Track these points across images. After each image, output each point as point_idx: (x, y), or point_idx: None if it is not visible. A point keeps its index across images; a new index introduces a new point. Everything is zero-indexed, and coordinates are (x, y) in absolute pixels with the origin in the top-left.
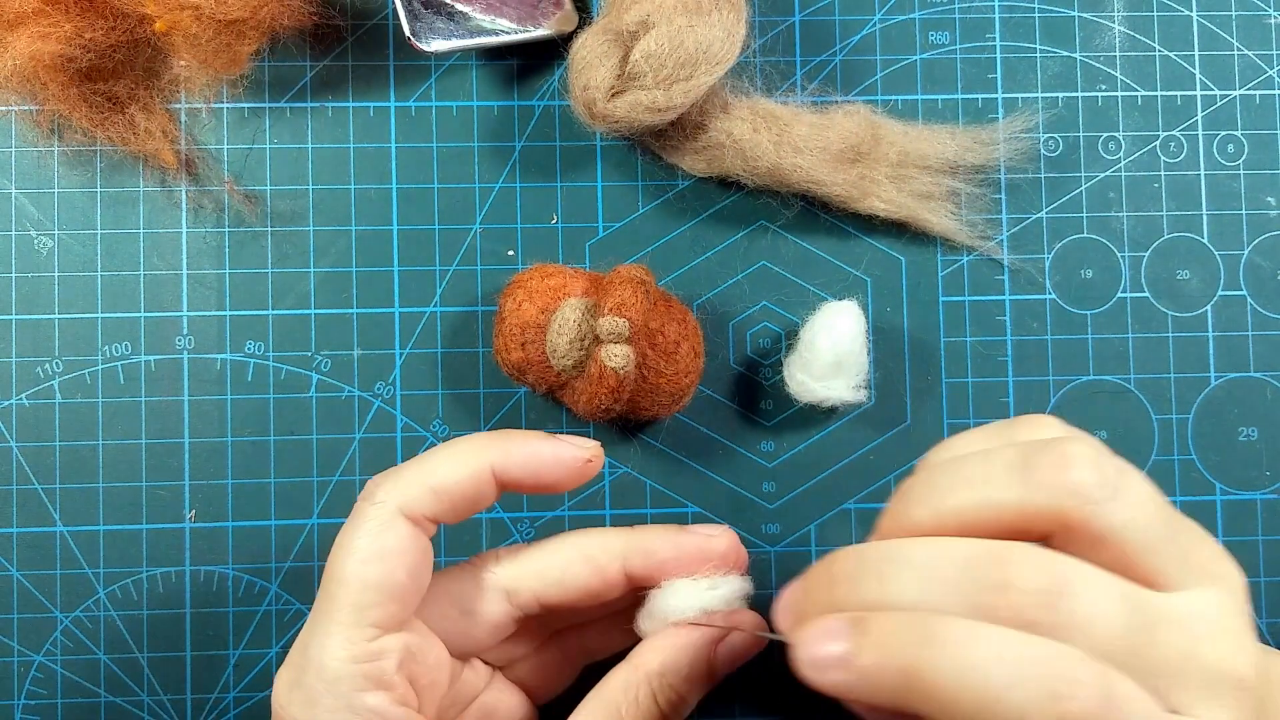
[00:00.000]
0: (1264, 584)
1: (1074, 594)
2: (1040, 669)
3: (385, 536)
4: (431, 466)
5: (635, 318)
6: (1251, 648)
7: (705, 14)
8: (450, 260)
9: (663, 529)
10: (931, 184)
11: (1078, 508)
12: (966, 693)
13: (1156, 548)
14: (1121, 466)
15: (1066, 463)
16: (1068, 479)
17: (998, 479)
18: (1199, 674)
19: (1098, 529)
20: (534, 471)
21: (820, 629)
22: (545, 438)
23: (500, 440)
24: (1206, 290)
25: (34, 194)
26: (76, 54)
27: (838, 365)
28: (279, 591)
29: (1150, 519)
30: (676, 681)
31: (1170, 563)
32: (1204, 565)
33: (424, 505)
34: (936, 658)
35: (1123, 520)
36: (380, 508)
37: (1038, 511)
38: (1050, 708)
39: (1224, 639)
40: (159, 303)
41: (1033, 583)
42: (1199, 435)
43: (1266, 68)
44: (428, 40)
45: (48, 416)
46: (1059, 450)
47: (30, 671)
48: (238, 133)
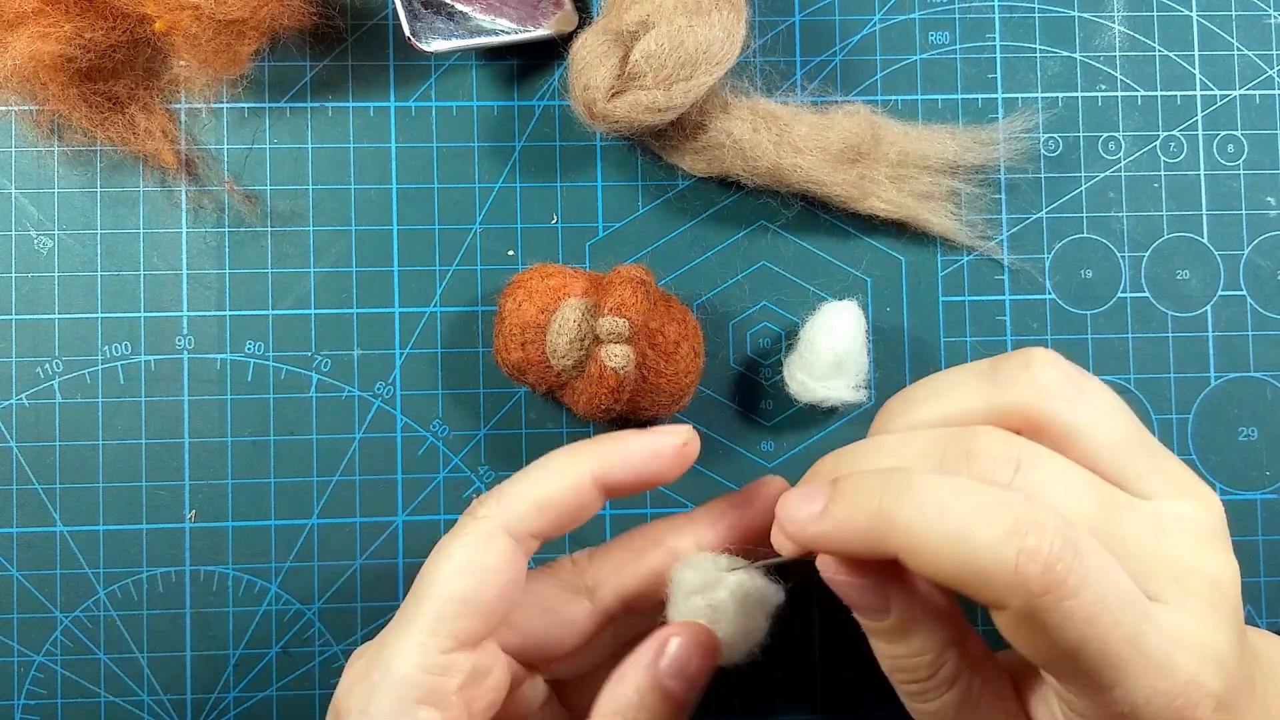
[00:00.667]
0: (1264, 584)
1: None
2: (1002, 509)
3: (484, 551)
4: (535, 482)
5: (635, 318)
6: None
7: (705, 14)
8: (450, 260)
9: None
10: (931, 184)
11: (1042, 402)
12: (932, 531)
13: (1124, 451)
14: (1087, 374)
15: (1030, 362)
16: (1030, 376)
17: (967, 386)
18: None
19: (1063, 425)
20: (635, 470)
21: (799, 493)
22: (637, 434)
23: (599, 446)
24: (1206, 290)
25: (34, 194)
26: (76, 54)
27: (838, 365)
28: (279, 591)
29: (1117, 424)
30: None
31: (1141, 470)
32: (1179, 480)
33: (528, 521)
34: (904, 500)
35: (1088, 418)
36: (484, 522)
37: (1005, 411)
38: (1011, 543)
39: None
40: (159, 303)
41: (998, 450)
42: (1199, 435)
43: (1266, 68)
44: (428, 40)
45: (48, 416)
46: (1023, 354)
47: (30, 671)
48: (238, 133)
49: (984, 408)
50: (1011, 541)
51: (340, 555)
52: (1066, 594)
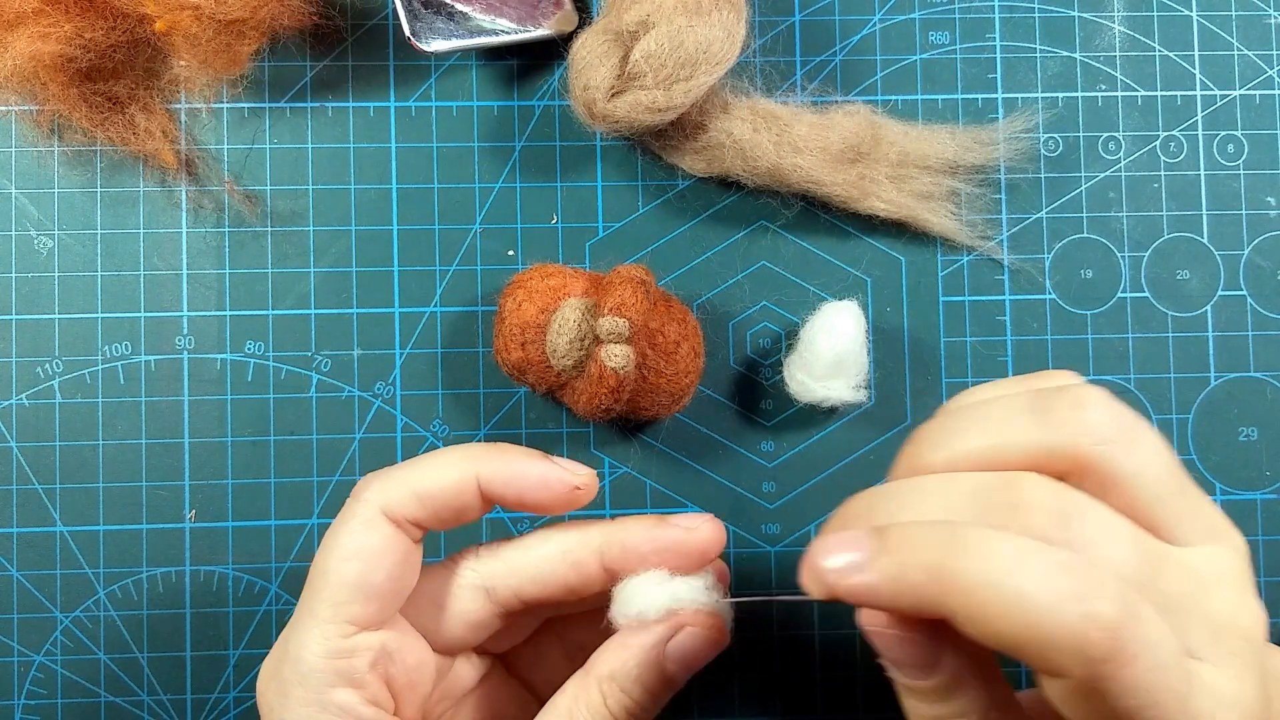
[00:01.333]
0: (1264, 584)
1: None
2: (1066, 573)
3: (367, 536)
4: (419, 471)
5: (635, 318)
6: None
7: (705, 14)
8: (450, 260)
9: (641, 521)
10: (931, 184)
11: (1092, 448)
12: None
13: (1166, 500)
14: (1136, 416)
15: (1083, 403)
16: (1083, 418)
17: (1013, 421)
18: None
19: (1111, 471)
20: (519, 491)
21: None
22: (538, 458)
23: (491, 453)
24: (1206, 290)
25: (34, 194)
26: (76, 54)
27: (838, 365)
28: (279, 591)
29: (1161, 470)
30: (627, 685)
31: (1179, 517)
32: (1211, 525)
33: (406, 508)
34: (963, 557)
35: (1136, 466)
36: (364, 506)
37: (1052, 452)
38: (1075, 608)
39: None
40: (159, 303)
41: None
42: (1199, 435)
43: (1266, 68)
44: (428, 40)
45: (48, 416)
46: (1075, 393)
47: (30, 671)
48: (238, 133)
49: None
50: (1076, 605)
51: None
52: (1126, 661)
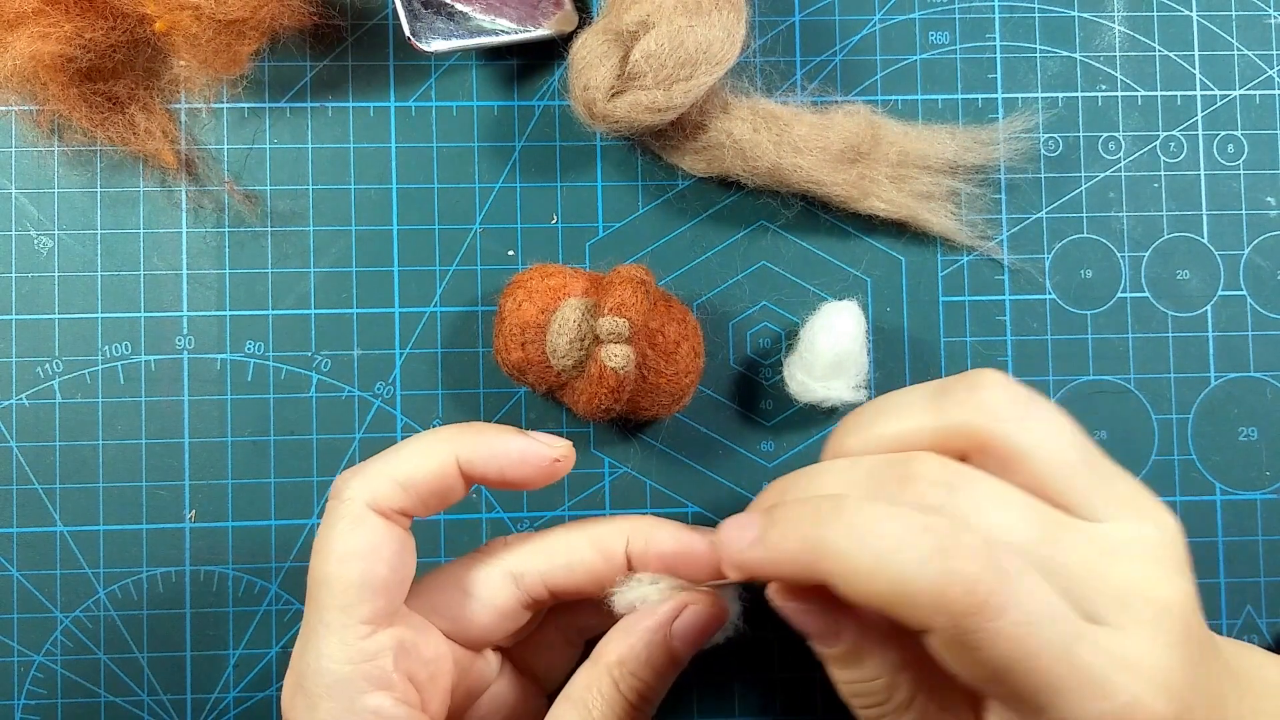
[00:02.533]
0: (1264, 584)
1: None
2: (926, 533)
3: (358, 534)
4: (397, 460)
5: (635, 318)
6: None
7: (705, 14)
8: (450, 260)
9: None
10: (931, 184)
11: (987, 425)
12: (859, 556)
13: (1071, 474)
14: (1035, 396)
15: (978, 384)
16: (977, 398)
17: (916, 406)
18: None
19: (1008, 447)
20: (499, 468)
21: (736, 522)
22: (515, 434)
23: (467, 433)
24: (1206, 290)
25: (34, 194)
26: (76, 54)
27: (838, 365)
28: (279, 591)
29: (1063, 446)
30: (637, 668)
31: (1088, 492)
32: (1129, 501)
33: (391, 499)
34: (832, 526)
35: (1033, 441)
36: (349, 504)
37: (951, 432)
38: (934, 565)
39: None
40: (159, 303)
41: (932, 475)
42: (1199, 435)
43: (1266, 68)
44: (428, 40)
45: (48, 416)
46: (973, 376)
47: (30, 671)
48: (238, 133)
49: (930, 428)
50: (934, 564)
51: None
52: (991, 615)
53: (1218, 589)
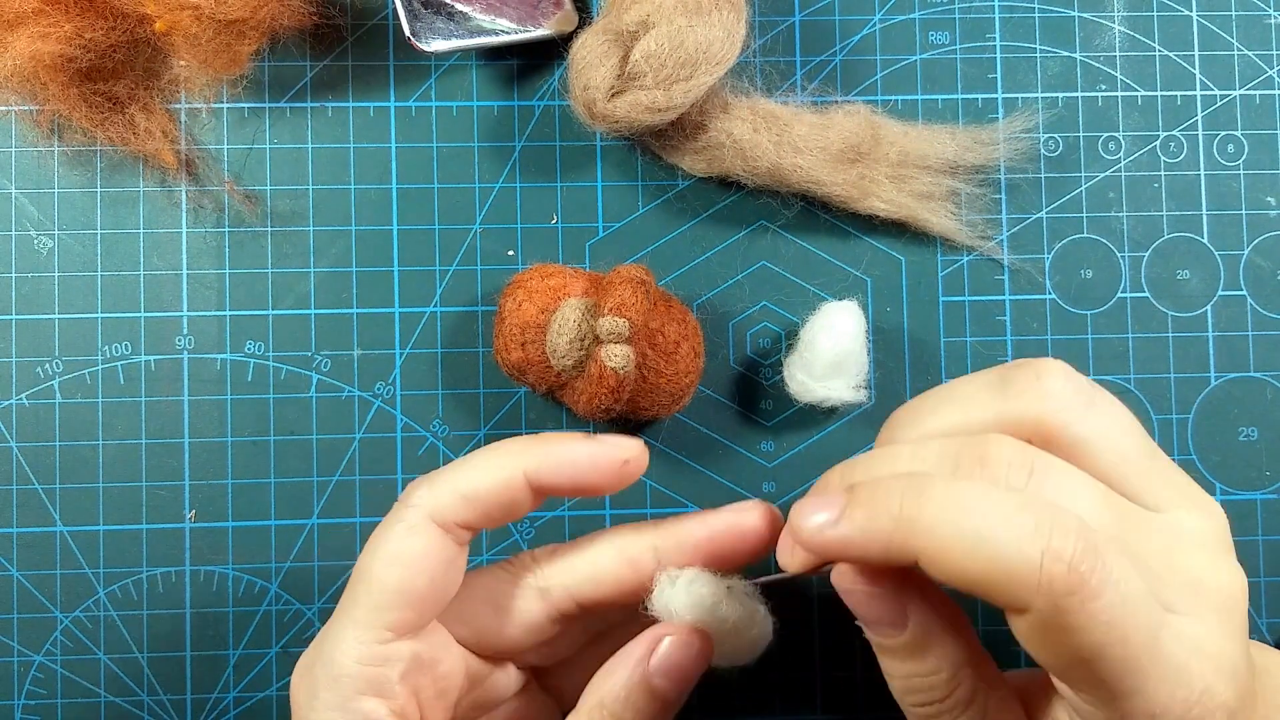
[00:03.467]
0: (1264, 584)
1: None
2: (1026, 510)
3: (411, 541)
4: (464, 472)
5: (635, 318)
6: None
7: (705, 14)
8: (450, 260)
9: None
10: (931, 184)
11: (1053, 414)
12: (956, 533)
13: (1134, 464)
14: (1097, 387)
15: (1042, 374)
16: (1042, 387)
17: (978, 396)
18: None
19: (1072, 436)
20: (570, 477)
21: (814, 500)
22: (583, 440)
23: (536, 445)
24: (1206, 290)
25: (34, 194)
26: (76, 54)
27: (838, 365)
28: (279, 591)
29: (1126, 436)
30: (617, 710)
31: (1149, 482)
32: (1184, 492)
33: (455, 512)
34: (926, 502)
35: (1098, 430)
36: (413, 511)
37: (1015, 421)
38: (1036, 543)
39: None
40: (159, 303)
41: (1012, 457)
42: (1199, 435)
43: (1266, 68)
44: (428, 40)
45: (48, 416)
46: (1035, 365)
47: (30, 671)
48: (238, 133)
49: (994, 418)
50: (1036, 542)
51: (340, 555)
52: (1090, 595)
53: None
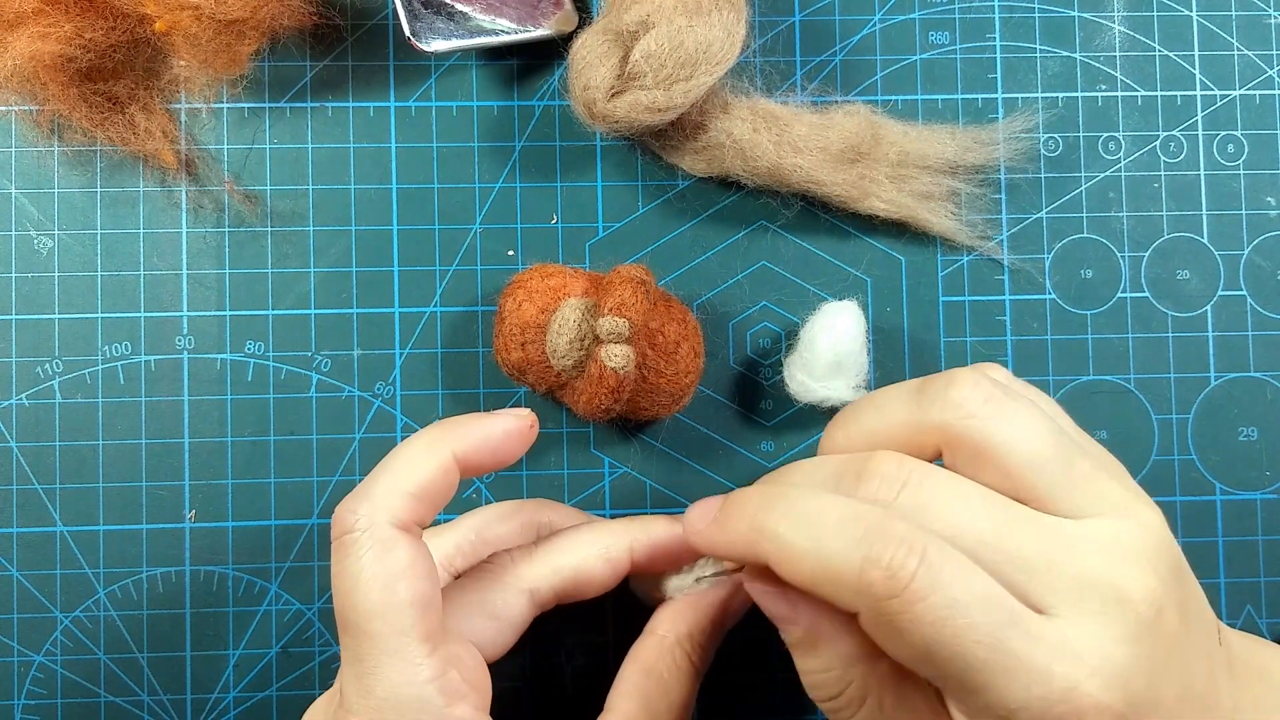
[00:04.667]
0: (1264, 584)
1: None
2: (855, 521)
3: (394, 556)
4: (400, 473)
5: (635, 318)
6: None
7: (705, 14)
8: (450, 260)
9: (664, 521)
10: (931, 184)
11: (955, 421)
12: (793, 539)
13: (1043, 470)
14: (1013, 393)
15: (951, 381)
16: (948, 395)
17: (895, 404)
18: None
19: (976, 442)
20: (493, 450)
21: (700, 505)
22: (490, 416)
23: (454, 428)
24: (1206, 290)
25: (34, 194)
26: (76, 54)
27: (838, 365)
28: (279, 591)
29: (1037, 442)
30: (703, 640)
31: (1061, 488)
32: (1107, 498)
33: (409, 513)
34: (775, 511)
35: (1004, 437)
36: (375, 529)
37: (925, 427)
38: (858, 550)
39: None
40: (159, 303)
41: (887, 471)
42: (1199, 435)
43: (1266, 68)
44: (428, 40)
45: (48, 416)
46: (950, 374)
47: (30, 671)
48: (238, 133)
49: (907, 422)
50: (859, 549)
51: None
52: (911, 598)
53: (1218, 589)
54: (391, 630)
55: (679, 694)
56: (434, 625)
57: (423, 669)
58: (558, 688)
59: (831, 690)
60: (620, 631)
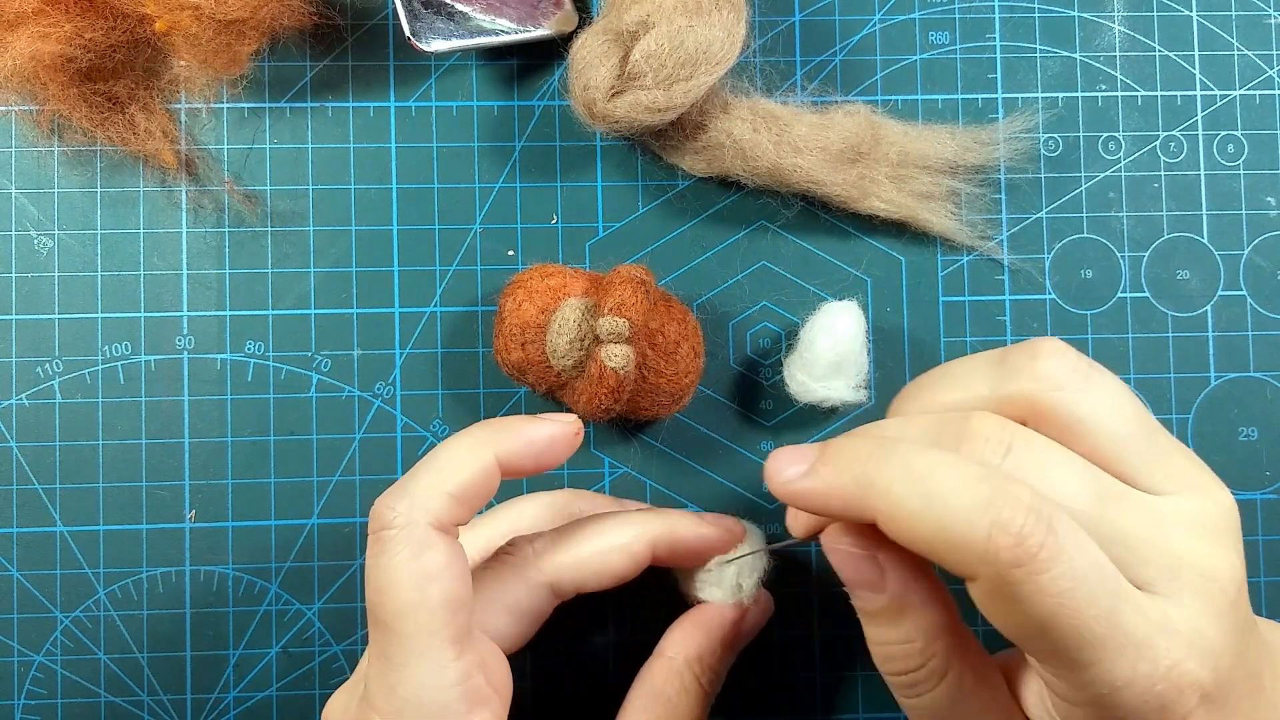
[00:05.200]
0: (1264, 584)
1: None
2: (980, 482)
3: (430, 556)
4: (444, 472)
5: (635, 318)
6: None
7: (705, 14)
8: (450, 260)
9: (689, 518)
10: (931, 184)
11: (1045, 392)
12: (910, 496)
13: (1129, 445)
14: (1096, 366)
15: (1038, 353)
16: (1036, 366)
17: (975, 374)
18: (1163, 557)
19: (1065, 415)
20: (536, 455)
21: (788, 453)
22: (533, 420)
23: (499, 430)
24: (1206, 290)
25: (34, 194)
26: (76, 54)
27: (838, 365)
28: (279, 591)
29: (1123, 416)
30: (712, 662)
31: (1145, 464)
32: (1186, 475)
33: (449, 513)
34: (886, 464)
35: (1092, 409)
36: (411, 528)
37: (1010, 399)
38: (985, 513)
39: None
40: (159, 303)
41: (990, 433)
42: (1199, 435)
43: (1266, 68)
44: (428, 40)
45: (48, 416)
46: (1032, 344)
47: (30, 671)
48: (238, 133)
49: (989, 395)
50: (986, 512)
51: (340, 555)
52: (1038, 568)
53: None
54: (421, 630)
55: (688, 717)
56: (463, 628)
57: (448, 672)
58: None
59: (911, 664)
60: (621, 631)
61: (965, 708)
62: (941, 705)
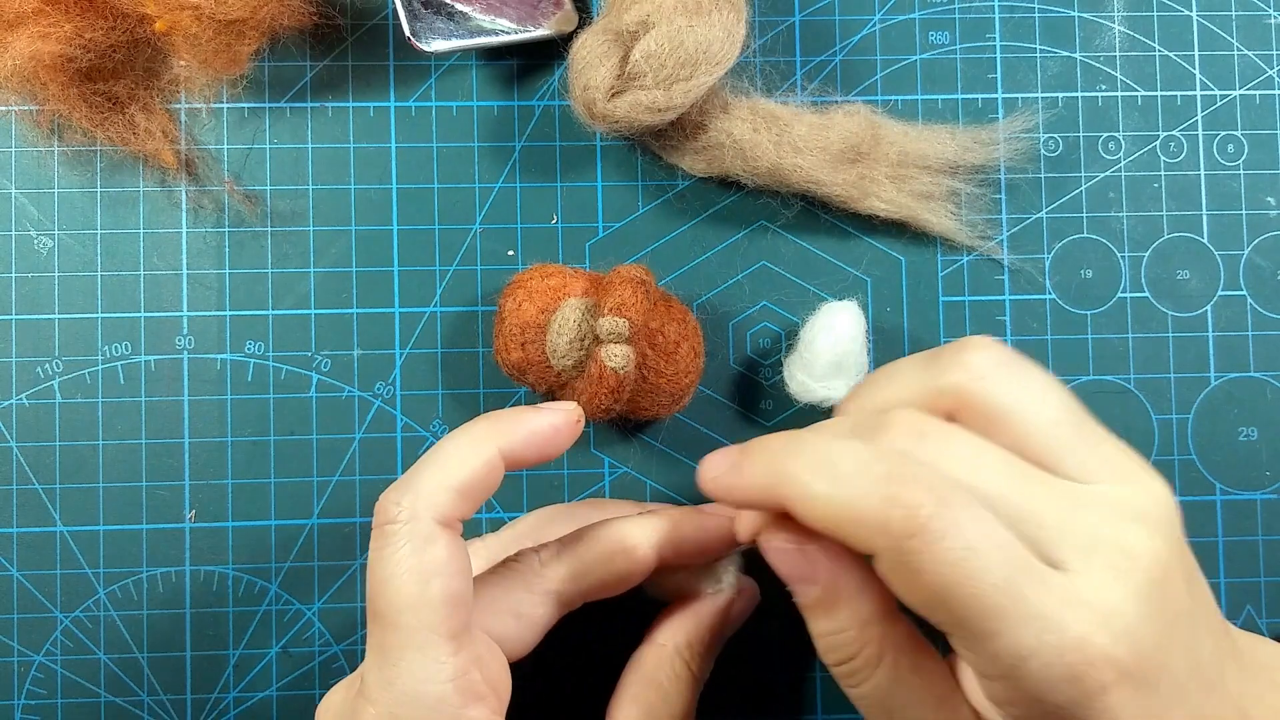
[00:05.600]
0: (1264, 584)
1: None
2: (880, 462)
3: (432, 550)
4: (448, 467)
5: (635, 318)
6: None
7: (705, 14)
8: (450, 260)
9: (687, 514)
10: (931, 184)
11: (969, 383)
12: (817, 482)
13: (1054, 434)
14: (1023, 360)
15: (964, 346)
16: (962, 360)
17: (912, 370)
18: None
19: (990, 404)
20: (539, 446)
21: (717, 454)
22: (534, 411)
23: (501, 424)
24: (1206, 290)
25: (34, 194)
26: (76, 54)
27: (838, 365)
28: (279, 591)
29: (1048, 406)
30: (702, 648)
31: (1071, 453)
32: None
33: (453, 508)
34: (798, 456)
35: (1015, 399)
36: (416, 523)
37: (941, 391)
38: (879, 490)
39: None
40: (159, 303)
41: (906, 423)
42: (1199, 435)
43: (1266, 68)
44: (428, 40)
45: (48, 416)
46: (962, 341)
47: (30, 671)
48: (238, 133)
49: (921, 390)
50: (880, 489)
51: (340, 555)
52: (931, 539)
53: (1218, 589)
54: (419, 625)
55: (679, 702)
56: (462, 624)
57: (445, 667)
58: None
59: (847, 652)
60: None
61: (905, 694)
62: (881, 692)
